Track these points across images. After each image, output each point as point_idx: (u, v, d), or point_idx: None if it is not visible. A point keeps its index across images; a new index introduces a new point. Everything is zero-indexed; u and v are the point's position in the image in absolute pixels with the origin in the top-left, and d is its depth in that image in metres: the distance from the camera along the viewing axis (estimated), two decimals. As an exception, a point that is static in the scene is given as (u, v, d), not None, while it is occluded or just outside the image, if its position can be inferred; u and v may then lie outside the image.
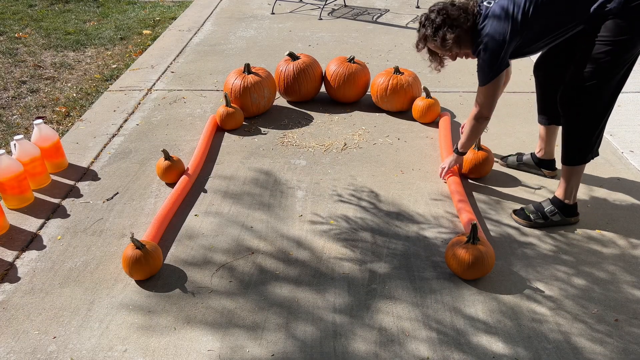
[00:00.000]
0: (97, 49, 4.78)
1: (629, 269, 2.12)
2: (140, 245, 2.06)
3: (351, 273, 2.13)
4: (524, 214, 2.37)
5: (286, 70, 3.42)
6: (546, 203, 2.36)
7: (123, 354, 1.80)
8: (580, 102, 2.13)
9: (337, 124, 3.31)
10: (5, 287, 2.09)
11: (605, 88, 2.07)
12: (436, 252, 2.23)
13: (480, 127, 2.38)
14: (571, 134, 2.22)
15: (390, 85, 3.29)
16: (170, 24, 5.38)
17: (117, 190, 2.67)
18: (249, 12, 5.71)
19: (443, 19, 2.17)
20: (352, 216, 2.46)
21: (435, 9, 2.22)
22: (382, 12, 5.61)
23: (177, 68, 4.20)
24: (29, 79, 4.14)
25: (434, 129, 3.22)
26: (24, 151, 2.61)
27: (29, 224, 2.45)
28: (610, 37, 1.98)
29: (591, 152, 2.24)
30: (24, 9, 5.88)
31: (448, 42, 2.18)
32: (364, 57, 4.31)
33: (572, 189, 2.30)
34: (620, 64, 2.03)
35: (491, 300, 1.99)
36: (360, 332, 1.86)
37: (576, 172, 2.27)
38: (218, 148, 3.05)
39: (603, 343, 1.81)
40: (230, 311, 1.96)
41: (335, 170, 2.81)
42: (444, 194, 2.61)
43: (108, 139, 3.16)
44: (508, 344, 1.81)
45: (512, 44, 2.09)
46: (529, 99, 3.53)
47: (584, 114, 2.15)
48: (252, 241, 2.31)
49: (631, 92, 3.60)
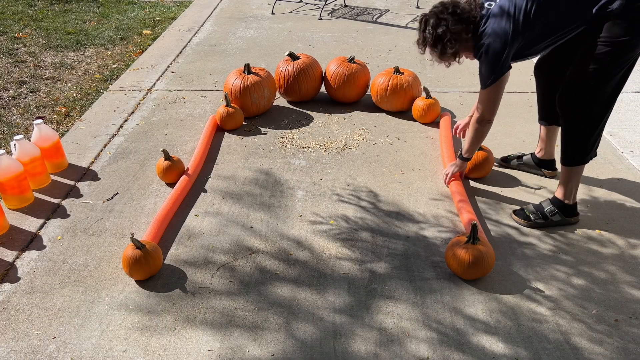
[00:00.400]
0: (97, 49, 4.78)
1: (628, 269, 2.12)
2: (140, 245, 2.06)
3: (351, 273, 2.13)
4: (524, 214, 2.37)
5: (286, 70, 3.42)
6: (546, 203, 2.36)
7: (123, 354, 1.80)
8: (579, 102, 2.13)
9: (337, 124, 3.31)
10: (5, 287, 2.09)
11: (605, 89, 2.07)
12: (436, 252, 2.23)
13: (484, 131, 2.36)
14: (570, 135, 2.22)
15: (390, 85, 3.29)
16: (170, 24, 5.38)
17: (117, 190, 2.68)
18: (249, 12, 5.71)
19: (444, 32, 2.12)
20: (352, 216, 2.46)
21: (436, 16, 2.15)
22: (382, 12, 5.61)
23: (177, 68, 4.20)
24: (29, 79, 4.14)
25: (434, 129, 3.22)
26: (24, 151, 2.61)
27: (29, 224, 2.45)
28: (610, 38, 1.97)
29: (590, 153, 2.24)
30: (24, 9, 5.88)
31: (447, 54, 2.17)
32: (364, 57, 4.31)
33: (572, 189, 2.30)
34: (620, 65, 2.02)
35: (491, 300, 1.99)
36: (360, 332, 1.86)
37: (576, 172, 2.27)
38: (218, 148, 3.05)
39: (603, 343, 1.81)
40: (231, 311, 1.96)
41: (335, 170, 2.81)
42: (444, 193, 2.61)
43: (108, 139, 3.16)
44: (508, 344, 1.81)
45: (514, 46, 2.07)
46: (529, 99, 3.53)
47: (583, 115, 2.15)
48: (252, 241, 2.31)
49: (631, 92, 3.60)
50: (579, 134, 2.20)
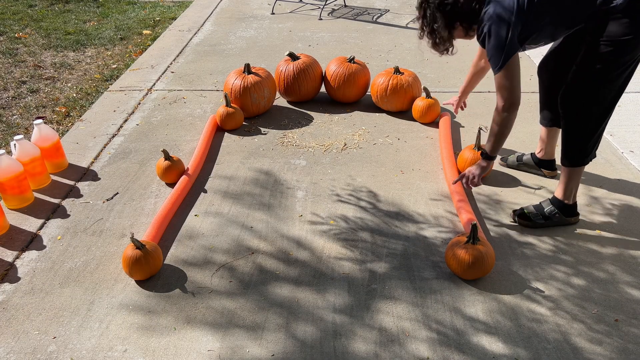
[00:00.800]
0: (97, 49, 4.78)
1: (628, 269, 2.12)
2: (140, 245, 2.06)
3: (351, 273, 2.13)
4: (524, 215, 2.37)
5: (286, 70, 3.42)
6: (546, 203, 2.36)
7: (123, 354, 1.80)
8: (580, 102, 2.12)
9: (337, 124, 3.31)
10: (5, 287, 2.09)
11: (607, 89, 2.06)
12: (436, 252, 2.23)
13: (510, 119, 2.15)
14: (571, 134, 2.22)
15: (390, 85, 3.29)
16: (170, 24, 5.38)
17: (117, 191, 2.68)
18: (249, 12, 5.71)
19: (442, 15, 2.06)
20: (352, 216, 2.46)
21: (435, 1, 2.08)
22: (382, 12, 5.61)
23: (177, 68, 4.20)
24: (29, 79, 4.14)
25: (434, 129, 3.22)
26: (24, 151, 2.61)
27: (29, 224, 2.45)
28: (613, 37, 1.96)
29: (590, 154, 2.23)
30: (24, 9, 5.89)
31: (444, 43, 2.15)
32: (364, 57, 4.31)
33: (572, 189, 2.30)
34: (622, 65, 2.01)
35: (491, 300, 1.99)
36: (360, 332, 1.86)
37: (575, 172, 2.27)
38: (218, 148, 3.05)
39: (602, 343, 1.81)
40: (231, 311, 1.96)
41: (335, 170, 2.81)
42: (444, 194, 2.61)
43: (108, 139, 3.16)
44: (508, 344, 1.81)
45: (518, 24, 1.98)
46: (529, 99, 3.53)
47: (584, 115, 2.14)
48: (252, 241, 2.31)
49: (631, 92, 3.60)
50: (579, 135, 2.19)
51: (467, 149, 2.71)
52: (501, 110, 2.14)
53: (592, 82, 2.05)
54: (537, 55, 4.33)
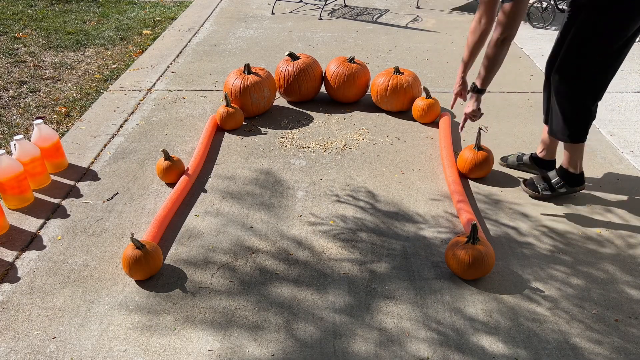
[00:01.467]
0: (97, 49, 4.78)
1: (627, 269, 2.12)
2: (140, 245, 2.06)
3: (351, 273, 2.13)
4: (532, 185, 2.42)
5: (286, 70, 3.42)
6: (553, 174, 2.44)
7: (123, 354, 1.80)
8: (569, 73, 2.18)
9: (337, 124, 3.31)
10: (5, 287, 2.10)
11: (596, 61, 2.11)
12: (436, 252, 2.23)
13: (503, 52, 2.18)
14: (560, 106, 2.27)
15: (390, 86, 3.29)
16: (170, 24, 5.38)
17: (117, 191, 2.68)
18: (249, 12, 5.72)
19: None
20: (352, 216, 2.46)
21: None
22: (382, 12, 5.61)
23: (177, 68, 4.21)
24: (29, 79, 4.14)
25: (434, 129, 3.23)
26: (24, 151, 2.61)
27: (29, 224, 2.45)
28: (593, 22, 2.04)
29: (583, 130, 2.29)
30: (24, 9, 5.89)
31: None
32: (364, 57, 4.31)
33: (576, 160, 2.37)
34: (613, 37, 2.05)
35: (491, 300, 1.99)
36: (360, 332, 1.86)
37: (576, 147, 2.34)
38: (218, 148, 3.05)
39: (602, 343, 1.81)
40: (231, 311, 1.96)
41: (335, 171, 2.81)
42: (444, 194, 2.61)
43: (108, 139, 3.16)
44: (508, 344, 1.81)
45: None
46: (529, 99, 3.53)
47: (575, 86, 2.20)
48: (253, 241, 2.31)
49: (631, 92, 3.60)
50: (569, 106, 2.25)
51: (467, 149, 2.71)
52: (493, 45, 2.18)
53: (581, 51, 2.11)
54: (537, 55, 4.33)
